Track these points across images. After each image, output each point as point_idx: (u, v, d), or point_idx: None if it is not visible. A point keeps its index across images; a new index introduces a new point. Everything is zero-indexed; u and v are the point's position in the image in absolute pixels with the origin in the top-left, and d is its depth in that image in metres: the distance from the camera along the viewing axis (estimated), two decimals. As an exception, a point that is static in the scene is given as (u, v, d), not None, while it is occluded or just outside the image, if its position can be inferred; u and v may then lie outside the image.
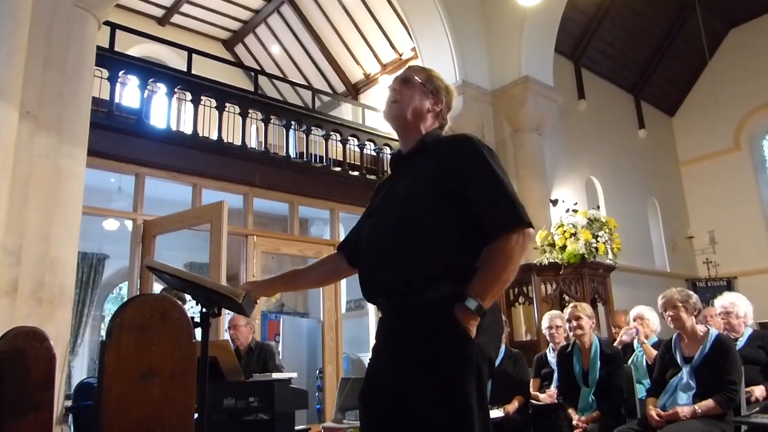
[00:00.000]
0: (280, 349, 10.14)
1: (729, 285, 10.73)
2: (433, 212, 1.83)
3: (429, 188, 1.86)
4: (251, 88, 9.03)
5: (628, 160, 11.14)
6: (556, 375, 4.92)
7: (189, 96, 7.56)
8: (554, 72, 9.00)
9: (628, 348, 5.02)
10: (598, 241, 6.67)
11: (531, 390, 4.99)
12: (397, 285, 1.85)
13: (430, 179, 1.88)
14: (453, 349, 1.73)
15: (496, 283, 1.77)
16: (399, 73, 2.15)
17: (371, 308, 10.59)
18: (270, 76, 11.72)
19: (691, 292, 3.85)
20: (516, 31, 8.58)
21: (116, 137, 6.54)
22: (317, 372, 9.66)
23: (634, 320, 4.83)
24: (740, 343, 4.14)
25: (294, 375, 4.41)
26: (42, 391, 1.46)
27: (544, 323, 5.31)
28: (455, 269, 1.79)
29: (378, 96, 10.87)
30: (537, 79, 8.56)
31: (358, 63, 12.11)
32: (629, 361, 4.68)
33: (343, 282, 8.52)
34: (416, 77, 2.07)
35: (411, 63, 10.58)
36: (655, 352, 4.14)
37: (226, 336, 6.09)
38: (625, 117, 11.72)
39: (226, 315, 6.40)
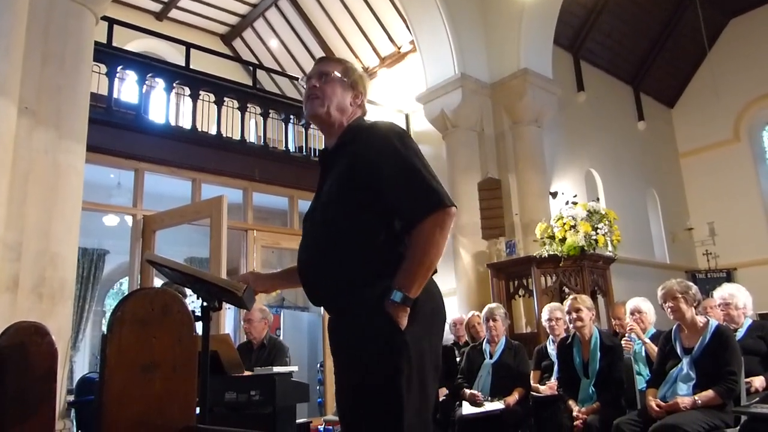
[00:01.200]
0: (281, 343, 10.17)
1: (729, 276, 10.74)
2: (353, 214, 1.83)
3: (346, 188, 1.86)
4: (250, 83, 9.01)
5: (627, 152, 11.13)
6: (556, 367, 4.94)
7: (187, 91, 7.55)
8: (553, 64, 8.98)
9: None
10: (597, 233, 6.67)
11: (531, 382, 5.01)
12: (329, 293, 1.89)
13: (346, 178, 1.86)
14: (379, 343, 1.72)
15: (418, 271, 1.75)
16: (313, 67, 2.09)
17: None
18: (268, 71, 11.70)
19: (691, 284, 3.86)
20: (515, 24, 8.56)
21: (115, 132, 6.54)
22: (318, 365, 9.69)
23: (632, 314, 4.81)
24: (740, 333, 4.15)
25: (295, 368, 4.42)
26: (44, 386, 1.47)
27: (544, 316, 5.31)
28: (387, 266, 1.78)
29: (377, 89, 10.85)
30: (536, 71, 8.55)
31: (356, 56, 12.07)
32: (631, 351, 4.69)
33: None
34: (334, 72, 2.03)
35: (409, 56, 10.59)
36: (656, 348, 4.15)
37: (229, 330, 6.10)
38: (624, 109, 11.70)
39: (227, 309, 6.42)
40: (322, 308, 8.29)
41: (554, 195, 8.33)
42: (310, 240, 1.96)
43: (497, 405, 4.62)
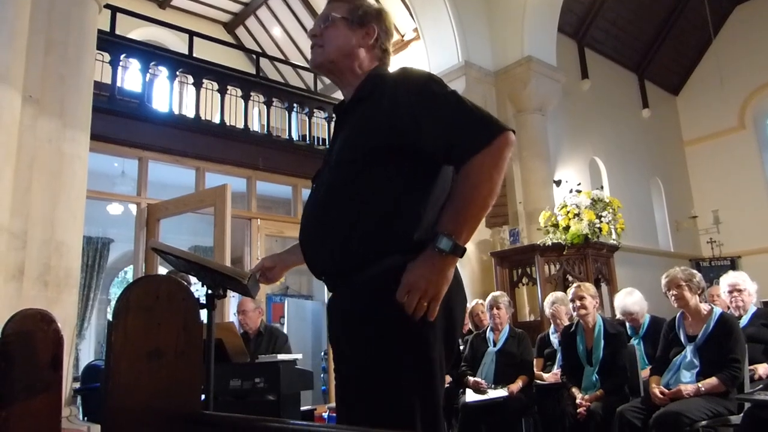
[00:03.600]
0: (285, 331, 10.22)
1: (733, 264, 10.72)
2: (366, 175, 1.57)
3: (362, 145, 1.60)
4: (253, 71, 9.00)
5: (631, 140, 11.09)
6: (559, 355, 4.95)
7: (191, 79, 7.54)
8: (557, 52, 8.94)
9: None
10: (601, 222, 6.66)
11: (535, 370, 5.02)
12: (332, 265, 1.63)
13: (363, 134, 1.61)
14: (392, 334, 1.50)
15: (470, 211, 1.50)
16: (320, 14, 1.85)
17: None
18: (272, 59, 11.66)
19: (695, 271, 3.87)
20: (519, 11, 8.52)
21: (119, 121, 6.54)
22: (322, 353, 9.74)
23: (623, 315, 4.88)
24: (744, 321, 4.15)
25: (299, 356, 4.44)
26: (50, 373, 1.48)
27: (547, 309, 5.33)
28: (398, 239, 1.53)
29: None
30: (540, 59, 8.51)
31: (359, 44, 12.03)
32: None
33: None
34: (335, 13, 1.77)
35: (413, 44, 10.54)
36: None
37: (232, 318, 6.12)
38: (628, 96, 11.65)
39: (232, 298, 6.44)
40: (325, 297, 8.32)
41: (558, 183, 8.31)
42: (312, 203, 1.72)
43: (501, 392, 4.64)
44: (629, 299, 4.81)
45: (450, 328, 1.59)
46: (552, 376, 4.94)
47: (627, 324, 4.87)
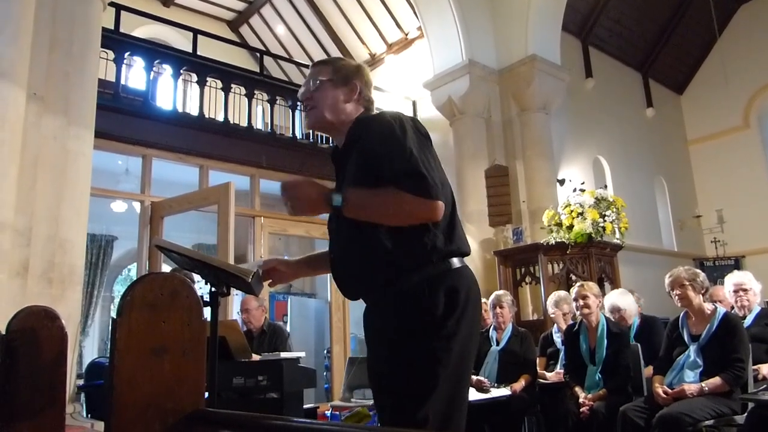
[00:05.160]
0: (288, 329, 10.22)
1: (737, 264, 10.69)
2: None
3: (362, 184, 1.81)
4: (257, 69, 9.01)
5: (635, 139, 11.07)
6: (562, 354, 4.95)
7: (195, 77, 7.55)
8: (561, 50, 8.92)
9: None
10: (605, 221, 6.65)
11: (538, 369, 5.02)
12: (361, 291, 1.90)
13: (356, 175, 1.84)
14: (411, 343, 1.71)
15: (368, 207, 1.75)
16: (305, 81, 2.06)
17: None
18: (275, 57, 11.67)
19: (699, 271, 3.86)
20: (523, 9, 8.51)
21: (123, 119, 6.55)
22: (325, 351, 9.74)
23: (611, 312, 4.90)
24: (748, 321, 4.14)
25: (302, 354, 4.44)
26: (55, 369, 1.48)
27: (549, 309, 5.33)
28: (416, 258, 1.76)
29: (384, 76, 10.81)
30: (544, 57, 8.50)
31: (363, 43, 12.01)
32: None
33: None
34: (321, 77, 1.99)
35: (416, 43, 10.53)
36: None
37: (236, 316, 6.13)
38: (632, 95, 11.62)
39: (235, 296, 6.45)
40: (329, 295, 8.33)
41: (562, 182, 8.30)
42: (335, 243, 1.97)
43: (504, 391, 4.64)
44: (621, 298, 4.84)
45: (466, 339, 1.77)
46: (555, 375, 4.94)
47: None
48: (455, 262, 1.80)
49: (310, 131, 8.55)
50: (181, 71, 7.41)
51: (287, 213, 1.86)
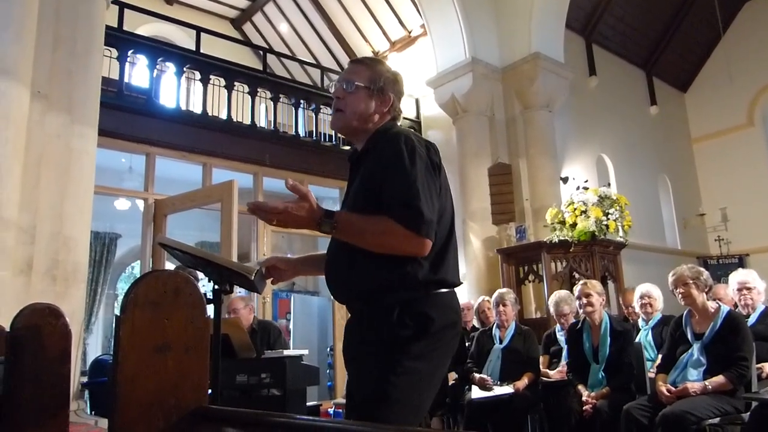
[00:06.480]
0: (291, 327, 10.24)
1: (741, 262, 10.66)
2: None
3: (363, 196, 1.84)
4: (260, 67, 9.00)
5: (639, 137, 11.05)
6: (565, 352, 4.94)
7: (198, 75, 7.56)
8: (565, 48, 8.91)
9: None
10: (608, 219, 6.65)
11: (541, 367, 5.02)
12: (349, 297, 1.91)
13: (364, 186, 1.85)
14: (380, 362, 1.72)
15: (357, 232, 1.76)
16: (344, 71, 2.05)
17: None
18: (278, 55, 11.66)
19: (702, 269, 3.85)
20: (526, 7, 8.49)
21: (126, 117, 6.56)
22: (328, 349, 9.75)
23: (641, 298, 4.86)
24: (752, 319, 4.13)
25: (305, 352, 4.45)
26: (58, 367, 1.49)
27: (552, 309, 5.32)
28: (404, 278, 1.75)
29: (387, 74, 10.81)
30: (547, 55, 8.48)
31: (366, 40, 12.00)
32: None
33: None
34: (358, 81, 1.94)
35: (419, 41, 10.51)
36: None
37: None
38: (636, 93, 11.60)
39: (238, 293, 6.45)
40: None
41: (565, 180, 8.30)
42: (333, 244, 1.97)
43: (507, 389, 4.64)
44: (654, 290, 4.85)
45: (436, 368, 1.79)
46: (558, 373, 4.94)
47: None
48: (440, 290, 1.80)
49: (312, 129, 8.57)
50: (185, 69, 7.42)
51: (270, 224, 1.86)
